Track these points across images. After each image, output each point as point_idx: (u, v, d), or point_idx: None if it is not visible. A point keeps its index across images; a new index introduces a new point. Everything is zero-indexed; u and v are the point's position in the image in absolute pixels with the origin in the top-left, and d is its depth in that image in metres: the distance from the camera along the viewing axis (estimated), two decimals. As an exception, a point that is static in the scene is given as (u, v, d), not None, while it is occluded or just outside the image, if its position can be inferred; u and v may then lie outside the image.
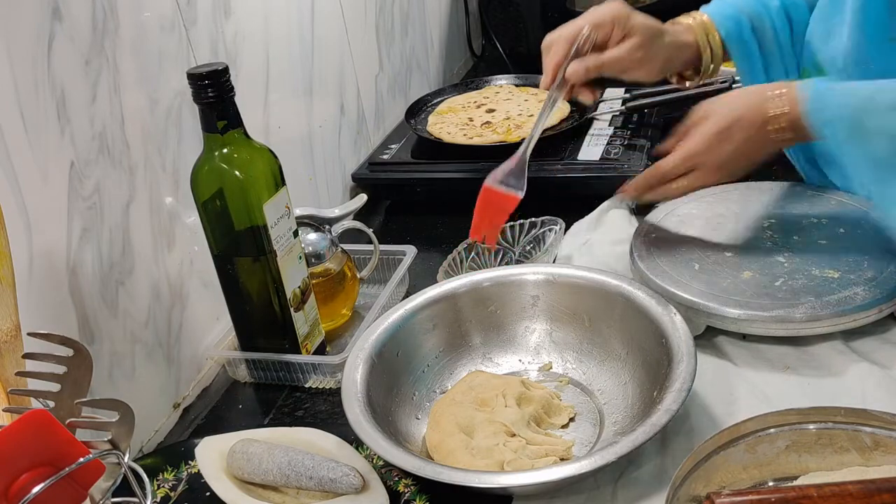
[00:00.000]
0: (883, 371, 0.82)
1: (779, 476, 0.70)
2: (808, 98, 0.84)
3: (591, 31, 0.98)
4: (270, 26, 1.13)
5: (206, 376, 1.00)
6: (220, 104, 0.83)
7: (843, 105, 0.82)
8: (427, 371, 0.90)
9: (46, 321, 0.78)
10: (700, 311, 0.88)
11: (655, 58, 1.01)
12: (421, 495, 0.76)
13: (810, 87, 0.85)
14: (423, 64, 1.67)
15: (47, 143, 0.78)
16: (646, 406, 0.78)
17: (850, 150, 0.82)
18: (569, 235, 1.12)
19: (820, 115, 0.83)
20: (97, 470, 0.59)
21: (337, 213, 1.06)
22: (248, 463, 0.77)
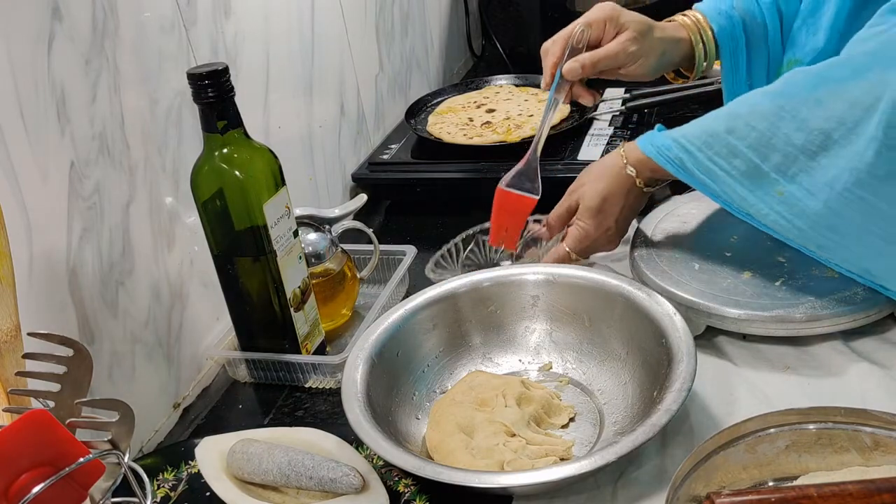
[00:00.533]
0: (883, 371, 0.82)
1: (779, 476, 0.70)
2: (651, 155, 0.90)
3: (584, 29, 1.01)
4: (270, 26, 1.13)
5: (206, 376, 1.00)
6: (220, 104, 0.83)
7: (687, 143, 0.87)
8: (427, 371, 0.90)
9: (46, 321, 0.78)
10: (700, 311, 0.88)
11: (650, 52, 1.03)
12: (421, 495, 0.76)
13: (648, 144, 0.91)
14: (423, 64, 1.67)
15: (47, 143, 0.78)
16: (646, 406, 0.78)
17: (713, 179, 0.86)
18: (569, 235, 1.12)
19: (671, 163, 0.88)
20: (97, 470, 0.59)
21: (337, 213, 1.06)
22: (248, 463, 0.77)
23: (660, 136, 0.90)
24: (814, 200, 0.80)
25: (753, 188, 0.84)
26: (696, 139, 0.86)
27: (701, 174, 0.86)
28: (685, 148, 0.87)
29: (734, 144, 0.83)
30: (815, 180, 0.80)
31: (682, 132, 0.88)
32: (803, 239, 0.83)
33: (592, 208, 0.96)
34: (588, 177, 0.98)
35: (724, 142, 0.84)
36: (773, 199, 0.83)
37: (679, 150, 0.88)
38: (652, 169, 0.92)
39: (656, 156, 0.90)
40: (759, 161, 0.82)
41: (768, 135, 0.81)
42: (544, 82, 1.06)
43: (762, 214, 0.84)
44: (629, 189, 0.95)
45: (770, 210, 0.83)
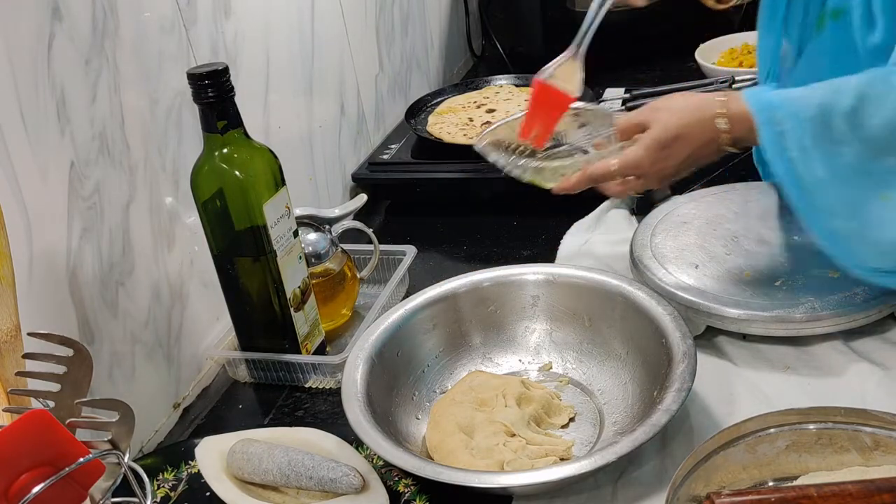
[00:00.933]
0: (883, 371, 0.82)
1: (779, 476, 0.70)
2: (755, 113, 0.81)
3: None
4: (270, 26, 1.13)
5: (206, 376, 1.00)
6: (220, 104, 0.83)
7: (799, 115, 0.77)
8: (427, 371, 0.90)
9: (46, 321, 0.78)
10: (700, 311, 0.88)
11: None
12: (421, 495, 0.76)
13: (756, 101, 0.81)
14: (423, 64, 1.67)
15: (47, 143, 0.78)
16: (646, 406, 0.78)
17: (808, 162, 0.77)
18: (569, 235, 1.12)
19: (770, 129, 0.79)
20: (97, 470, 0.59)
21: (337, 213, 1.06)
22: (248, 463, 0.77)
23: (771, 95, 0.80)
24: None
25: (853, 186, 0.75)
26: (809, 111, 0.76)
27: (797, 152, 0.77)
28: (797, 116, 0.76)
29: (850, 129, 0.74)
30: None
31: (795, 97, 0.77)
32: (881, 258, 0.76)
33: (658, 141, 0.86)
34: (673, 103, 0.88)
35: (841, 124, 0.74)
36: (872, 204, 0.75)
37: (787, 117, 0.77)
38: (750, 129, 0.81)
39: (759, 115, 0.79)
40: (872, 157, 0.74)
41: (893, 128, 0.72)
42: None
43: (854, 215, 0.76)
44: (709, 141, 0.85)
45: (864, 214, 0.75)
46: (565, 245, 1.11)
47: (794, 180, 0.79)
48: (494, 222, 1.23)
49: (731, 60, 1.49)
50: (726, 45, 1.53)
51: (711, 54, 1.50)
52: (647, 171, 0.88)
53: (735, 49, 1.52)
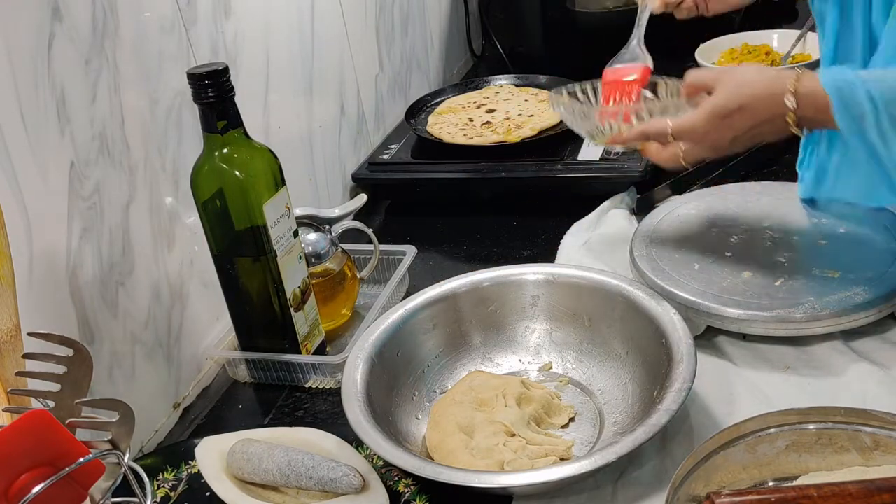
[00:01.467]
0: (883, 371, 0.82)
1: (779, 476, 0.71)
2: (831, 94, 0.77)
3: None
4: (270, 26, 1.13)
5: (206, 376, 1.00)
6: (220, 104, 0.83)
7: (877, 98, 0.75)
8: (427, 371, 0.90)
9: (46, 321, 0.78)
10: (700, 311, 0.88)
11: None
12: (421, 495, 0.76)
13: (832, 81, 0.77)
14: (423, 64, 1.67)
15: (47, 143, 0.78)
16: (646, 406, 0.78)
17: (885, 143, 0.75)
18: (569, 235, 1.12)
19: (848, 112, 0.76)
20: (97, 470, 0.59)
21: (337, 213, 1.06)
22: (248, 463, 0.77)
23: (848, 76, 0.76)
24: None
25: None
26: (889, 93, 0.74)
27: (877, 136, 0.75)
28: (872, 99, 0.74)
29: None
30: None
31: (873, 80, 0.75)
32: None
33: (720, 108, 0.82)
34: (745, 72, 0.84)
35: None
36: None
37: (866, 100, 0.74)
38: (818, 109, 0.77)
39: (835, 96, 0.76)
40: None
41: None
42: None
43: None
44: (773, 117, 0.80)
45: None
46: (565, 245, 1.11)
47: (875, 161, 0.77)
48: (494, 222, 1.23)
49: (731, 60, 1.49)
50: (726, 45, 1.53)
51: (711, 54, 1.50)
52: (702, 139, 0.84)
53: (735, 49, 1.51)
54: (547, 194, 1.23)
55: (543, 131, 1.29)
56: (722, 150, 0.85)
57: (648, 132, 0.88)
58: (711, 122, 0.82)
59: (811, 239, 0.95)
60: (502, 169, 1.25)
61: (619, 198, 1.17)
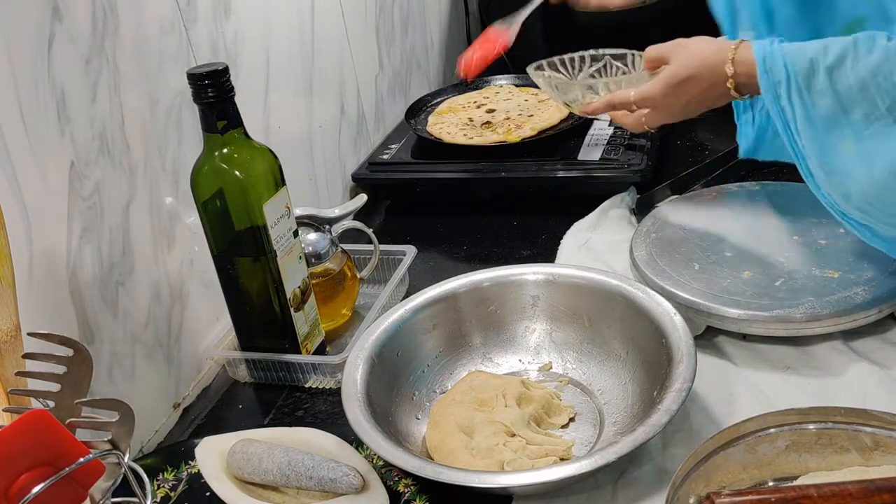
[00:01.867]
0: (883, 371, 0.82)
1: (779, 476, 0.71)
2: (758, 62, 0.86)
3: None
4: (270, 26, 1.13)
5: (206, 376, 1.00)
6: (220, 104, 0.83)
7: (790, 67, 0.83)
8: (427, 371, 0.90)
9: (46, 321, 0.78)
10: (700, 311, 0.88)
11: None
12: (421, 495, 0.76)
13: (760, 50, 0.86)
14: (423, 64, 1.67)
15: (47, 143, 0.78)
16: (646, 406, 0.78)
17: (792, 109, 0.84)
18: (569, 235, 1.12)
19: (768, 78, 0.85)
20: (97, 470, 0.59)
21: (337, 213, 1.06)
22: (248, 463, 0.77)
23: (774, 46, 0.85)
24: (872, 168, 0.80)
25: (825, 134, 0.82)
26: (800, 64, 0.82)
27: (786, 101, 0.84)
28: (787, 68, 0.83)
29: (829, 83, 0.81)
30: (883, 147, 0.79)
31: (792, 50, 0.84)
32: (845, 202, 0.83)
33: (672, 77, 0.93)
34: (694, 44, 0.94)
35: (823, 78, 0.81)
36: (839, 153, 0.82)
37: (783, 67, 0.83)
38: (749, 75, 0.87)
39: (761, 64, 0.85)
40: (843, 110, 0.81)
41: (863, 85, 0.79)
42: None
43: (820, 163, 0.83)
44: (716, 83, 0.90)
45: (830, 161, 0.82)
46: (565, 245, 1.11)
47: (784, 126, 0.85)
48: (494, 222, 1.23)
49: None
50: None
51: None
52: (659, 104, 0.95)
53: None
54: (547, 194, 1.23)
55: (543, 131, 1.29)
56: (677, 114, 0.96)
57: (614, 101, 1.00)
58: (666, 89, 0.93)
59: (811, 239, 0.95)
60: (502, 169, 1.25)
61: (619, 198, 1.17)
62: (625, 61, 1.17)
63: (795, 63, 0.83)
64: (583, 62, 1.22)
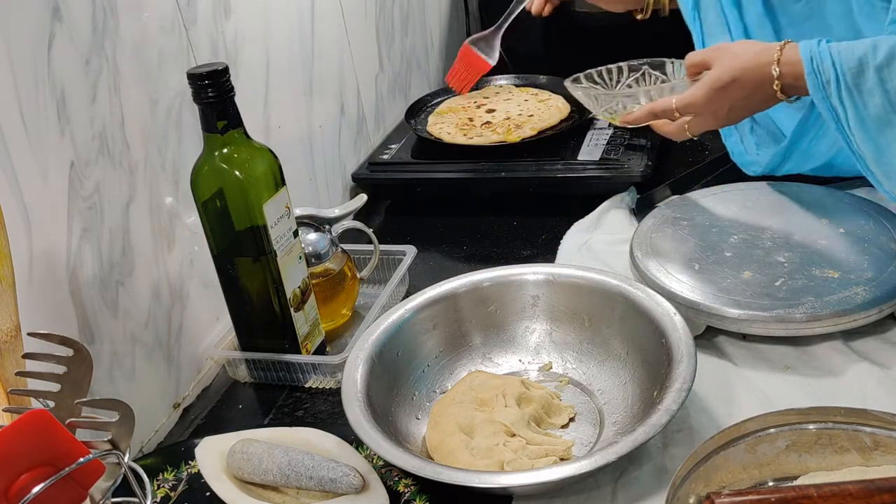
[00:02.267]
0: (883, 371, 0.82)
1: (779, 476, 0.71)
2: (805, 61, 0.86)
3: None
4: (270, 26, 1.13)
5: (206, 376, 1.00)
6: (220, 104, 0.83)
7: (839, 66, 0.83)
8: (427, 371, 0.90)
9: (46, 321, 0.78)
10: (700, 311, 0.88)
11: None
12: (421, 495, 0.76)
13: (808, 50, 0.86)
14: (423, 64, 1.67)
15: (47, 143, 0.78)
16: (646, 406, 0.78)
17: (844, 108, 0.84)
18: (569, 235, 1.12)
19: (816, 78, 0.85)
20: (97, 470, 0.59)
21: (337, 213, 1.06)
22: (248, 463, 0.77)
23: (822, 46, 0.85)
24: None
25: (878, 134, 0.82)
26: (850, 63, 0.82)
27: (836, 100, 0.84)
28: (835, 68, 0.83)
29: (879, 82, 0.81)
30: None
31: (841, 50, 0.84)
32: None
33: (715, 81, 0.92)
34: (737, 47, 0.93)
35: (872, 77, 0.81)
36: (893, 152, 0.82)
37: (830, 68, 0.83)
38: (796, 76, 0.87)
39: (808, 64, 0.85)
40: (893, 110, 0.81)
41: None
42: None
43: (877, 163, 0.84)
44: (762, 85, 0.90)
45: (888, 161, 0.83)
46: (565, 245, 1.11)
47: (837, 125, 0.85)
48: (494, 222, 1.23)
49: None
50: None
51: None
52: (703, 111, 0.94)
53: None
54: (547, 194, 1.23)
55: (543, 131, 1.29)
56: (721, 119, 0.95)
57: (656, 110, 0.99)
58: (710, 94, 0.92)
59: (811, 239, 0.95)
60: (502, 169, 1.25)
61: (619, 198, 1.17)
62: (664, 70, 1.16)
63: (844, 62, 0.82)
64: (620, 73, 1.23)
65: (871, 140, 0.83)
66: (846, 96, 0.83)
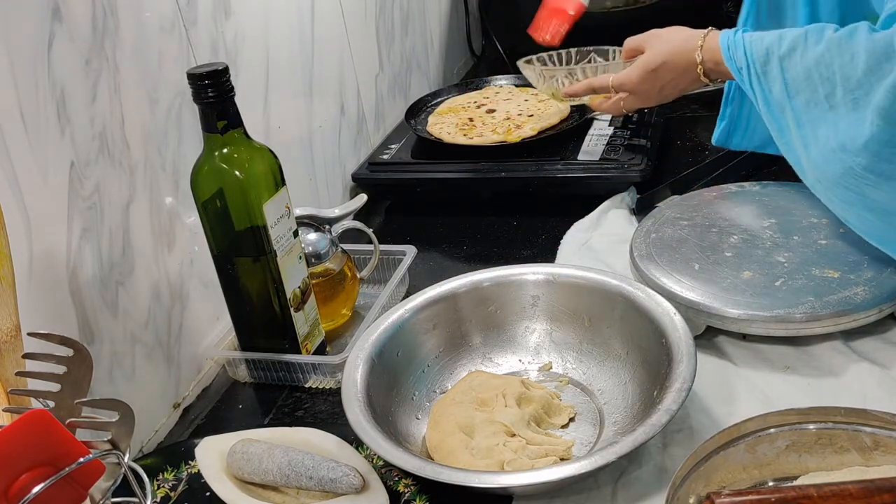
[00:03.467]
0: (883, 371, 0.82)
1: (779, 476, 0.71)
2: (722, 49, 0.94)
3: None
4: (270, 26, 1.13)
5: (206, 376, 1.00)
6: (220, 104, 0.83)
7: (749, 55, 0.90)
8: (427, 371, 0.90)
9: (46, 321, 0.78)
10: (700, 311, 0.88)
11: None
12: (421, 495, 0.76)
13: (725, 39, 0.94)
14: (423, 64, 1.67)
15: (47, 143, 0.78)
16: (646, 406, 0.78)
17: (754, 93, 0.91)
18: (569, 235, 1.12)
19: (732, 64, 0.93)
20: (97, 470, 0.59)
21: (337, 213, 1.06)
22: (248, 463, 0.77)
23: (737, 36, 0.93)
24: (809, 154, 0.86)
25: (779, 117, 0.89)
26: (759, 52, 0.89)
27: (748, 86, 0.91)
28: (746, 56, 0.90)
29: (780, 71, 0.87)
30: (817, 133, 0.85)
31: (753, 39, 0.91)
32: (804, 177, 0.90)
33: (647, 63, 1.02)
34: (667, 33, 1.02)
35: (776, 65, 0.88)
36: (789, 137, 0.89)
37: (742, 56, 0.91)
38: (716, 62, 0.95)
39: (725, 52, 0.93)
40: (788, 97, 0.87)
41: (807, 74, 0.85)
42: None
43: (779, 143, 0.91)
44: (687, 69, 0.99)
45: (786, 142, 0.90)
46: (565, 245, 1.11)
47: (755, 105, 0.92)
48: (494, 222, 1.23)
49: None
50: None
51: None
52: (636, 89, 1.05)
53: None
54: (547, 194, 1.23)
55: (543, 131, 1.29)
56: (653, 98, 1.06)
57: (594, 84, 1.10)
58: (642, 76, 1.03)
59: (811, 239, 0.95)
60: (502, 169, 1.25)
61: (619, 198, 1.17)
62: (607, 56, 1.25)
63: (754, 52, 0.90)
64: (570, 57, 1.30)
65: (776, 121, 0.90)
66: (755, 82, 0.90)
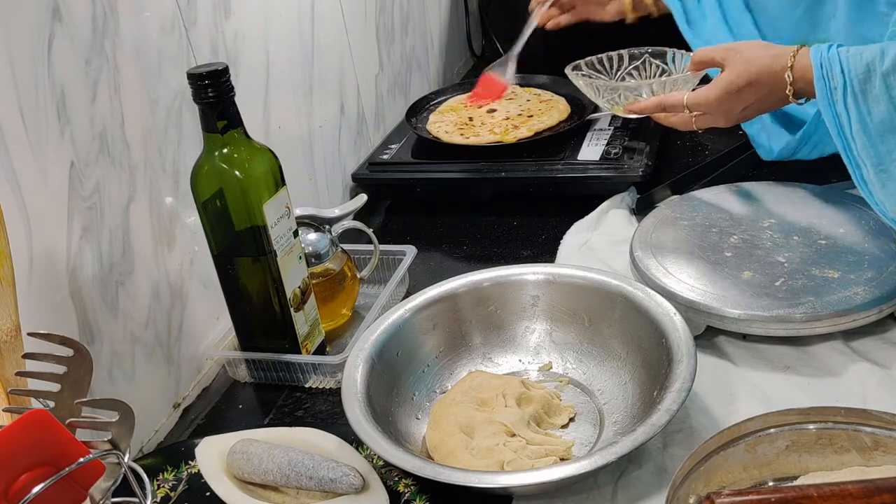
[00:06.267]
0: (883, 371, 0.82)
1: (779, 476, 0.71)
2: (814, 67, 0.87)
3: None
4: (270, 26, 1.13)
5: (206, 376, 1.00)
6: (220, 104, 0.83)
7: (847, 72, 0.84)
8: (427, 371, 0.90)
9: (46, 321, 0.78)
10: (700, 311, 0.88)
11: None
12: (421, 495, 0.76)
13: (818, 55, 0.87)
14: (423, 64, 1.67)
15: (47, 143, 0.78)
16: (646, 406, 0.78)
17: (848, 114, 0.85)
18: (569, 235, 1.12)
19: (825, 84, 0.86)
20: (97, 470, 0.59)
21: (337, 213, 1.06)
22: (248, 463, 0.77)
23: (832, 51, 0.87)
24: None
25: (880, 141, 0.83)
26: (858, 68, 0.84)
27: (842, 107, 0.85)
28: (843, 74, 0.84)
29: (885, 89, 0.82)
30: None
31: (850, 55, 0.85)
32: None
33: (730, 84, 0.94)
34: (751, 50, 0.95)
35: (879, 83, 0.82)
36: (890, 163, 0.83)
37: (839, 74, 0.85)
38: (807, 81, 0.89)
39: (818, 70, 0.86)
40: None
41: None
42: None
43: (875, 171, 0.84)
44: (774, 90, 0.92)
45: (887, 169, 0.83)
46: (565, 245, 1.11)
47: (838, 132, 0.86)
48: (494, 222, 1.23)
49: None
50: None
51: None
52: (715, 110, 0.97)
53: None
54: (547, 194, 1.23)
55: (540, 133, 1.29)
56: (732, 119, 0.98)
57: (665, 103, 1.02)
58: (722, 97, 0.95)
59: (811, 239, 0.95)
60: (502, 169, 1.25)
61: (619, 198, 1.17)
62: (664, 59, 1.17)
63: (852, 68, 0.84)
64: (621, 60, 1.24)
65: (873, 146, 0.84)
66: (851, 102, 0.84)
